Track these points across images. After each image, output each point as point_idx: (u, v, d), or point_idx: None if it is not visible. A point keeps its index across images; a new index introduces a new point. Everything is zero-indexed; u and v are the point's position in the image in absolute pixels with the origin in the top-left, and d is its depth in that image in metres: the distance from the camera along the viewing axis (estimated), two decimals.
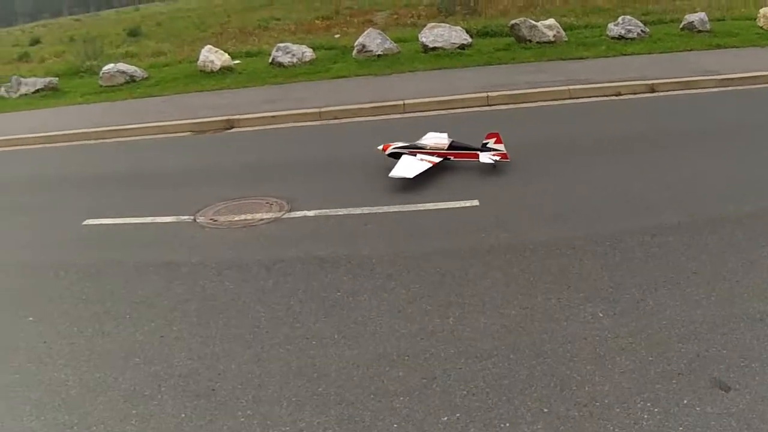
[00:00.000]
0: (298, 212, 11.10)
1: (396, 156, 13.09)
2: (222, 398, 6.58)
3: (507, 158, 12.68)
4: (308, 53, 24.39)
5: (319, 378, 6.69)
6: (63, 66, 31.39)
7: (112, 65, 26.37)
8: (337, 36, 29.86)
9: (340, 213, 10.90)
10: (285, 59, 23.91)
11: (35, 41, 47.27)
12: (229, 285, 8.93)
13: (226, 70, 24.26)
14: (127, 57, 30.06)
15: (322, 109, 17.65)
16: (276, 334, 7.58)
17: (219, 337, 7.67)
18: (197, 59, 25.50)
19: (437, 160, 12.92)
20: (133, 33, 40.00)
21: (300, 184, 12.53)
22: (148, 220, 11.69)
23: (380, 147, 13.55)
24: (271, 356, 7.16)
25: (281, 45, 24.82)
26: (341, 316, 7.80)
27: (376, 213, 10.74)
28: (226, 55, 25.21)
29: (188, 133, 18.18)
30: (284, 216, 11.04)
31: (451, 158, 13.11)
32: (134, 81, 25.47)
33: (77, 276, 9.89)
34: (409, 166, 12.52)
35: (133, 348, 7.69)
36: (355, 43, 24.21)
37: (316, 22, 36.63)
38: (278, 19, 38.32)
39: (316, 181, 12.67)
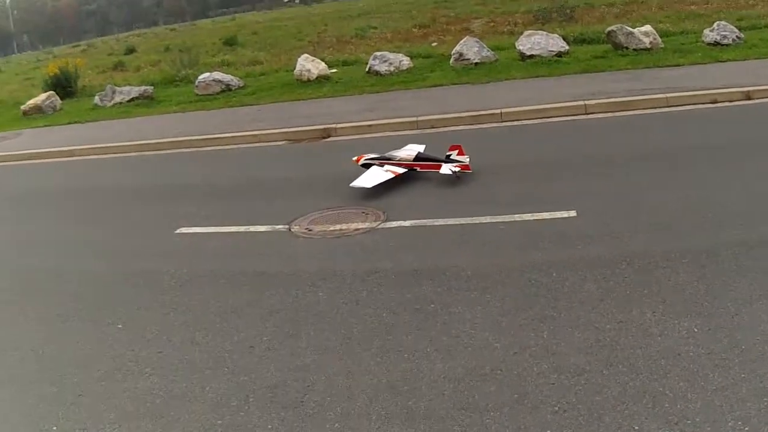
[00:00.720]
0: (394, 222, 11.01)
1: (367, 166, 13.72)
2: (310, 411, 6.52)
3: (469, 169, 13.12)
4: (405, 62, 24.39)
5: (409, 392, 6.58)
6: (158, 75, 31.96)
7: (207, 74, 26.73)
8: (434, 44, 29.86)
9: (436, 223, 10.78)
10: (382, 68, 23.94)
11: (130, 50, 48.16)
12: (322, 295, 8.86)
13: (322, 78, 24.37)
14: (223, 66, 30.43)
15: (419, 118, 17.57)
16: (368, 346, 7.49)
17: (310, 349, 7.60)
18: (294, 68, 25.66)
19: (402, 171, 13.54)
20: (230, 42, 40.49)
21: (396, 193, 12.49)
22: (242, 229, 11.74)
23: (354, 158, 14.17)
24: (362, 369, 7.07)
25: (378, 54, 24.87)
26: (434, 328, 7.67)
27: (472, 224, 10.56)
28: (323, 63, 25.33)
29: (284, 142, 18.26)
30: (380, 226, 10.97)
31: (417, 169, 13.69)
32: (230, 90, 25.76)
33: (168, 284, 9.98)
34: (371, 177, 13.16)
35: (221, 358, 7.69)
36: (453, 52, 24.12)
37: (413, 30, 36.70)
38: (375, 28, 38.50)
39: (413, 191, 12.61)
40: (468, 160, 13.27)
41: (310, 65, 24.96)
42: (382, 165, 13.67)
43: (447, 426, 6.02)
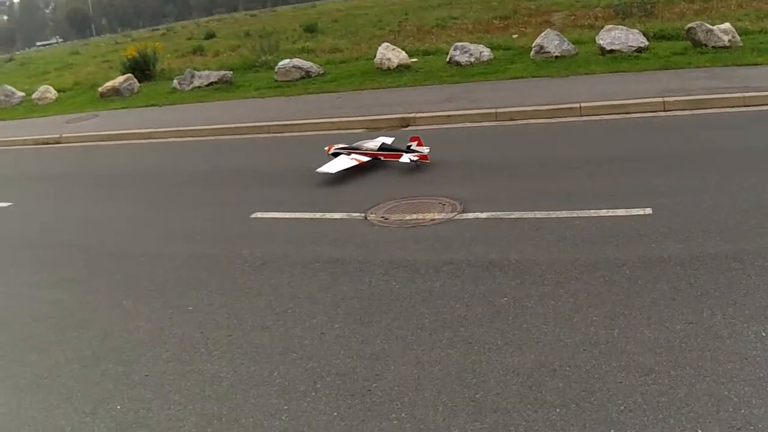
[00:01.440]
0: (471, 214, 10.92)
1: (336, 155, 14.96)
2: (377, 399, 6.55)
3: (426, 159, 14.21)
4: (486, 53, 24.27)
5: (477, 384, 6.57)
6: (237, 60, 32.15)
7: (287, 60, 26.81)
8: (514, 36, 29.66)
9: (512, 216, 10.67)
10: (462, 58, 23.84)
11: (210, 35, 48.49)
12: (396, 285, 8.87)
13: (402, 67, 24.33)
14: (303, 53, 30.44)
15: (498, 110, 17.45)
16: (439, 337, 7.48)
17: (380, 337, 7.63)
18: (374, 56, 25.64)
19: (366, 159, 14.79)
20: (310, 29, 40.61)
21: (474, 184, 12.39)
22: (318, 215, 11.80)
23: (326, 147, 15.43)
24: (432, 360, 7.08)
25: (459, 44, 24.75)
26: (506, 322, 7.63)
27: (548, 218, 10.46)
28: (404, 53, 25.28)
29: (362, 130, 18.22)
30: (456, 217, 10.89)
31: (381, 158, 14.86)
32: (309, 77, 25.83)
33: (242, 268, 10.08)
34: (336, 164, 14.44)
35: (291, 343, 7.76)
36: (533, 44, 23.92)
37: (494, 21, 36.52)
38: (456, 18, 38.37)
39: (490, 183, 12.52)
40: (427, 150, 14.36)
41: (390, 54, 24.94)
42: (349, 154, 14.93)
43: (513, 420, 6.00)
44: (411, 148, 14.51)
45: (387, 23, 40.39)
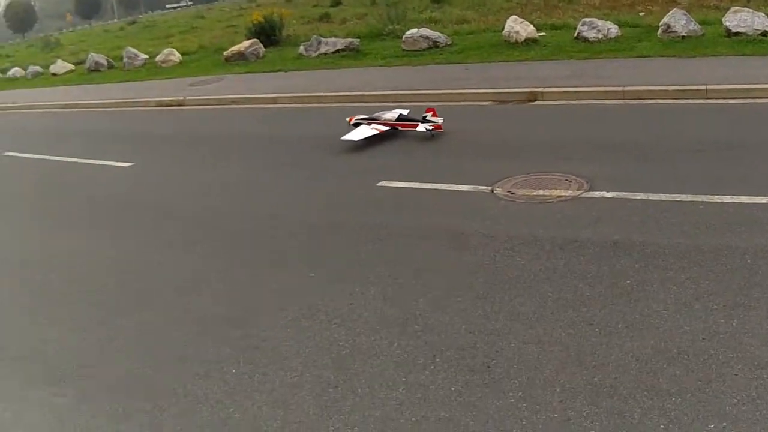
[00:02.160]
0: (596, 192, 10.66)
1: (357, 125, 15.91)
2: (496, 376, 6.50)
3: (440, 128, 15.23)
4: (613, 30, 23.74)
5: (595, 367, 6.47)
6: (364, 28, 31.97)
7: (415, 30, 26.56)
8: (641, 14, 29.01)
9: (638, 197, 10.38)
10: (590, 34, 23.37)
11: (336, 2, 48.25)
12: (520, 261, 8.75)
13: (530, 41, 23.92)
14: (431, 23, 30.14)
15: (625, 88, 17.02)
16: (560, 316, 7.37)
17: (502, 313, 7.54)
18: (502, 29, 25.31)
19: (385, 129, 15.78)
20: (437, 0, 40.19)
21: (600, 163, 12.07)
22: (444, 186, 11.67)
23: (348, 118, 16.42)
24: (552, 339, 6.98)
25: (587, 20, 24.24)
26: (627, 305, 7.47)
27: (674, 201, 10.13)
28: (531, 26, 24.89)
29: (490, 102, 18.00)
30: (582, 195, 10.66)
31: (399, 128, 15.87)
32: (437, 47, 25.57)
33: (366, 237, 10.09)
34: (359, 132, 15.49)
35: (412, 315, 7.73)
36: (660, 23, 23.33)
37: None
38: None
39: (616, 162, 12.16)
40: (441, 120, 15.33)
41: (518, 27, 24.57)
42: (369, 124, 15.92)
43: (629, 406, 5.90)
44: (426, 118, 15.51)
45: None
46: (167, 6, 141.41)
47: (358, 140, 15.25)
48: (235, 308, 8.54)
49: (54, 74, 42.18)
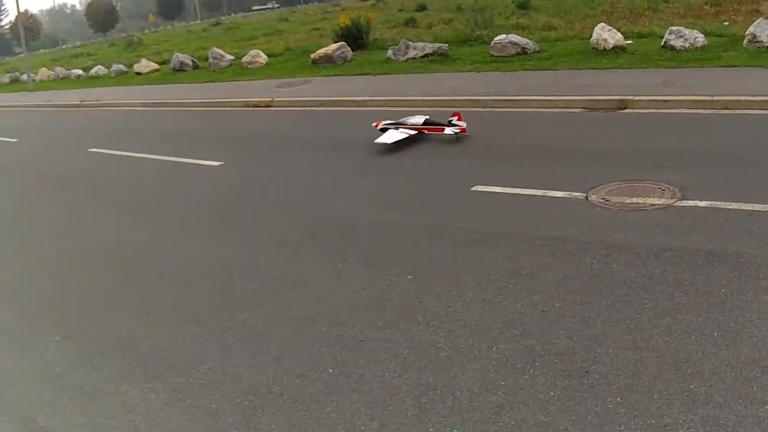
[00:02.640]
0: (689, 201, 10.44)
1: (384, 130, 16.53)
2: (594, 381, 6.41)
3: (465, 132, 15.98)
4: (700, 39, 23.36)
5: (692, 375, 6.35)
6: (451, 33, 31.90)
7: (503, 36, 26.39)
8: (725, 23, 28.62)
9: (730, 207, 10.14)
10: (677, 43, 23.03)
11: (421, 7, 48.25)
12: (616, 267, 8.61)
13: (618, 49, 23.63)
14: (518, 29, 29.95)
15: (714, 98, 16.70)
16: (657, 323, 7.24)
17: (600, 319, 7.44)
18: (589, 36, 25.07)
19: (413, 132, 16.47)
20: (523, 6, 39.83)
21: (692, 172, 11.81)
22: (539, 192, 11.51)
23: (374, 123, 17.16)
24: (649, 346, 6.86)
25: (674, 28, 23.89)
26: (722, 314, 7.30)
27: (765, 211, 9.88)
28: (619, 34, 24.60)
29: (580, 109, 17.76)
30: (675, 204, 10.44)
31: (425, 132, 16.58)
32: (525, 53, 25.38)
33: (462, 240, 10.00)
34: (390, 136, 16.19)
35: (511, 319, 7.64)
36: (746, 33, 22.97)
37: (705, 7, 35.24)
38: (667, 2, 37.20)
39: (709, 171, 11.89)
40: (465, 124, 15.99)
41: (606, 35, 24.32)
42: (397, 128, 16.56)
43: (723, 414, 5.79)
44: (452, 122, 16.16)
45: (599, 3, 39.31)
46: (254, 8, 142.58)
47: (392, 143, 15.98)
48: (335, 308, 8.51)
49: (138, 73, 42.93)
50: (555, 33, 29.24)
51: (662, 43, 23.25)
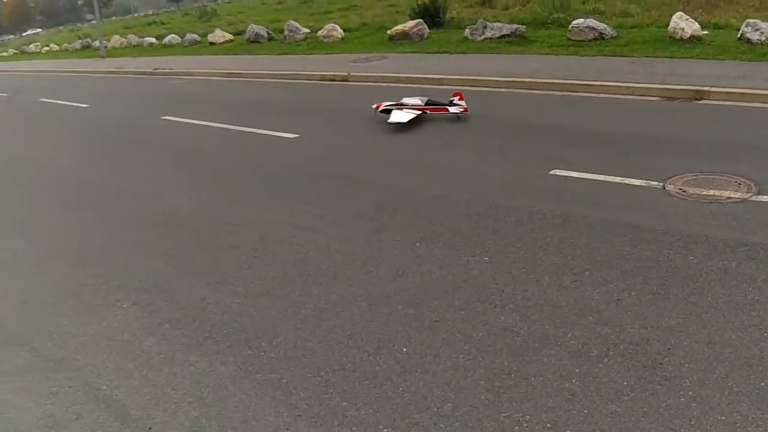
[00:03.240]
0: (766, 197, 10.16)
1: (387, 112, 16.92)
2: (667, 374, 6.29)
3: (467, 111, 16.68)
4: None
5: (763, 372, 6.21)
6: (528, 15, 31.42)
7: (581, 20, 25.96)
8: None
9: None
10: (753, 36, 22.48)
11: None
12: (693, 260, 8.42)
13: (695, 39, 23.16)
14: (595, 14, 29.53)
15: None
16: (731, 318, 7.08)
17: (675, 311, 7.29)
18: (666, 25, 24.63)
19: (419, 112, 16.84)
20: None
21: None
22: (616, 179, 11.30)
23: (374, 106, 17.57)
24: (723, 340, 6.71)
25: (750, 21, 23.32)
26: None
27: None
28: (696, 23, 24.19)
29: (657, 98, 17.40)
30: (751, 198, 10.17)
31: (428, 112, 17.05)
32: (603, 39, 24.97)
33: (540, 224, 9.87)
34: (401, 115, 16.53)
35: (587, 306, 7.53)
36: None
37: None
38: None
39: None
40: (465, 104, 16.70)
41: (684, 24, 23.86)
42: (401, 109, 16.91)
43: None
44: (454, 102, 16.84)
45: None
46: None
47: (407, 122, 16.34)
48: (411, 286, 8.43)
49: (212, 43, 43.02)
50: (631, 20, 28.72)
51: (738, 36, 22.80)
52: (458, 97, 16.85)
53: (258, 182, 13.67)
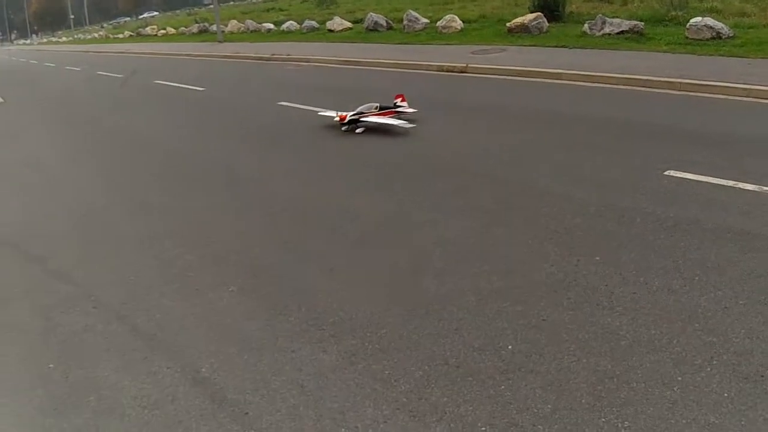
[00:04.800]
0: None
1: (354, 122, 16.60)
2: (766, 387, 5.89)
3: (411, 110, 17.13)
4: None
5: None
6: (647, 12, 30.60)
7: (699, 18, 25.15)
8: None
9: None
10: None
11: None
12: None
13: None
14: (712, 12, 28.63)
15: None
16: None
17: None
18: None
19: (381, 120, 16.47)
20: None
21: None
22: (729, 183, 10.74)
23: (336, 118, 16.99)
24: None
25: None
26: None
27: None
28: None
29: None
30: None
31: (388, 116, 16.66)
32: (720, 38, 24.13)
33: (652, 225, 9.44)
34: (364, 124, 16.56)
35: (695, 312, 7.11)
36: None
37: None
38: None
39: None
40: (407, 104, 17.22)
41: None
42: (367, 118, 16.61)
43: None
44: (397, 104, 17.20)
45: None
46: None
47: (410, 127, 16.19)
48: (518, 283, 8.13)
49: (330, 30, 43.12)
50: (748, 20, 27.74)
51: None
52: (400, 99, 17.27)
53: (375, 171, 13.51)
